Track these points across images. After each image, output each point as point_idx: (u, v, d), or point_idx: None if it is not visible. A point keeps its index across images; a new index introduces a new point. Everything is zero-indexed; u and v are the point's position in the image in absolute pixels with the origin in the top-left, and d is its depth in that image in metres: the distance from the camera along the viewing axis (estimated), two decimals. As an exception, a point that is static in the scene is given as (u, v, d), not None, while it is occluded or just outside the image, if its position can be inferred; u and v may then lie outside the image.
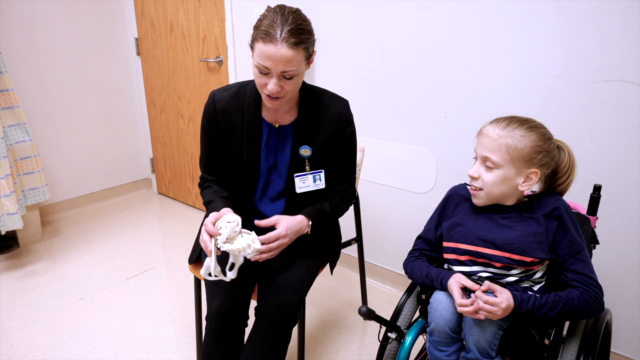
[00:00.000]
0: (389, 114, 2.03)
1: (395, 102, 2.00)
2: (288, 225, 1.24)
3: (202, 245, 1.18)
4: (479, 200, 1.14)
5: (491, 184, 1.10)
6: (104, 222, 2.98)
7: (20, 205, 2.41)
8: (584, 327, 1.15)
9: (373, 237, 2.25)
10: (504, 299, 1.00)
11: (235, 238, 1.16)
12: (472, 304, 1.01)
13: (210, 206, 1.34)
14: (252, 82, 1.34)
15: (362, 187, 2.22)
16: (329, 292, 2.23)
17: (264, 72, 1.17)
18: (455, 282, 1.06)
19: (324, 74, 2.20)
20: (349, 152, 1.40)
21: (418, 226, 2.11)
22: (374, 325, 1.99)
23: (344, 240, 1.85)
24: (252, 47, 1.19)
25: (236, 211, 1.39)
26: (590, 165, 1.55)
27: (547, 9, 1.52)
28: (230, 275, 1.18)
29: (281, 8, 1.17)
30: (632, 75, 1.42)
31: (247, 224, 1.42)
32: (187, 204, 3.31)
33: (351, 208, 1.85)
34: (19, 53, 2.67)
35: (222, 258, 1.21)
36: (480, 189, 1.12)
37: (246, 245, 1.15)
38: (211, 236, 1.15)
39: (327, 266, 1.60)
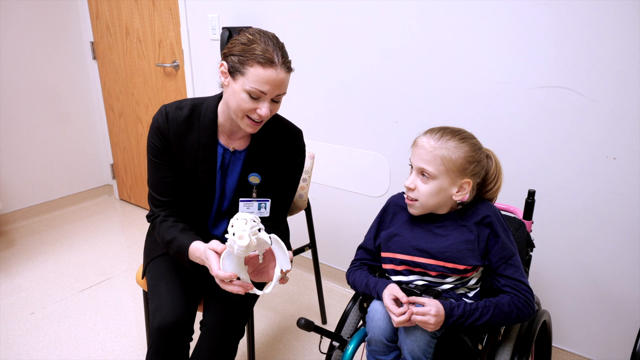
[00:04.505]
0: (342, 119, 2.04)
1: (348, 106, 2.00)
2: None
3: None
4: (415, 210, 1.16)
5: (427, 194, 1.11)
6: (62, 231, 2.90)
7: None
8: (519, 330, 1.18)
9: (330, 240, 2.26)
10: (432, 305, 1.01)
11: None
12: (404, 313, 1.02)
13: (174, 243, 1.22)
14: (206, 101, 1.28)
15: (317, 191, 2.22)
16: (289, 297, 2.23)
17: (256, 96, 1.15)
18: (388, 294, 1.07)
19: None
20: (295, 182, 1.39)
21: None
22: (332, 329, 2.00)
23: (298, 246, 1.86)
24: (237, 71, 1.13)
25: None
26: (529, 169, 1.59)
27: (488, 20, 1.56)
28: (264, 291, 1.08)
29: (265, 32, 1.16)
30: (566, 81, 1.47)
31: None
32: (149, 210, 3.26)
33: (304, 215, 1.85)
34: (-35, 59, 2.58)
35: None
36: (416, 200, 1.13)
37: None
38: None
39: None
